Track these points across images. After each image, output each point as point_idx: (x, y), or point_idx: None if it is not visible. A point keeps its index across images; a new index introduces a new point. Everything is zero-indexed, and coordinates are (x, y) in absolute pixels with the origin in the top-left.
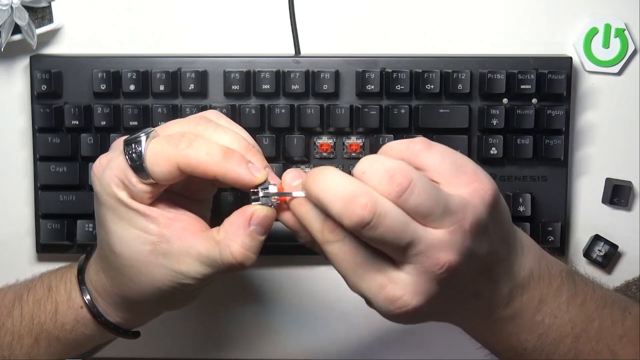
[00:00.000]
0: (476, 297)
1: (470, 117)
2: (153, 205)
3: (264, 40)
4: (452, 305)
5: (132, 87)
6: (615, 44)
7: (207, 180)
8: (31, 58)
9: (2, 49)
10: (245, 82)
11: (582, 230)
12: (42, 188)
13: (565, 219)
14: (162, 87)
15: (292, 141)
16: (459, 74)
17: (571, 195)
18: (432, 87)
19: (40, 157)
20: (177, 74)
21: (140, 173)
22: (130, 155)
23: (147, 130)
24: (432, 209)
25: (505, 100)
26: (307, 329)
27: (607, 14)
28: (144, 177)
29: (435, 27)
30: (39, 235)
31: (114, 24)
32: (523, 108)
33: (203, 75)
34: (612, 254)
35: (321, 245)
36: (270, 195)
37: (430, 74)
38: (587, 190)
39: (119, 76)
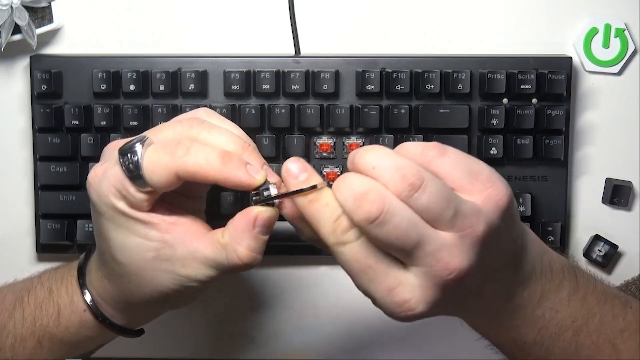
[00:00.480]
0: (480, 295)
1: (470, 117)
2: (152, 210)
3: (264, 40)
4: (456, 306)
5: (132, 87)
6: (615, 44)
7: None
8: (31, 58)
9: (2, 49)
10: (245, 82)
11: (582, 230)
12: (42, 188)
13: (565, 219)
14: (162, 87)
15: (292, 141)
16: (459, 74)
17: (571, 195)
18: (432, 87)
19: (40, 157)
20: (177, 74)
21: (138, 182)
22: (126, 165)
23: (140, 137)
24: (443, 210)
25: (505, 100)
26: (307, 328)
27: (607, 14)
28: (141, 185)
29: (435, 27)
30: (39, 235)
31: (114, 24)
32: (523, 108)
33: (203, 75)
34: (612, 254)
35: (331, 246)
36: (273, 198)
37: (430, 74)
38: (587, 190)
39: (119, 76)
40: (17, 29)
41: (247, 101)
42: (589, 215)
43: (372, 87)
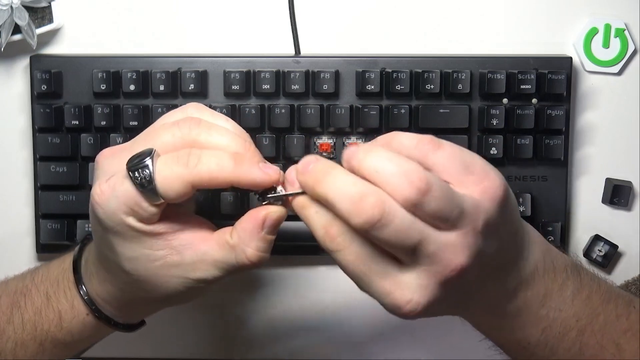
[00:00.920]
0: (482, 293)
1: (470, 117)
2: (159, 220)
3: (264, 40)
4: (458, 302)
5: (132, 87)
6: (615, 44)
7: None
8: (31, 58)
9: (2, 49)
10: (245, 82)
11: (582, 230)
12: (42, 188)
13: (565, 219)
14: (162, 87)
15: (292, 141)
16: (459, 74)
17: (571, 195)
18: (432, 87)
19: (40, 157)
20: (177, 74)
21: (151, 197)
22: (139, 181)
23: (148, 151)
24: (450, 212)
25: (505, 100)
26: (307, 328)
27: (607, 14)
28: (154, 199)
29: (435, 27)
30: (39, 235)
31: (114, 24)
32: (523, 108)
33: (203, 75)
34: (612, 254)
35: (327, 252)
36: (279, 196)
37: (430, 74)
38: (587, 190)
39: (119, 76)
40: (17, 29)
41: (247, 101)
42: (589, 215)
43: (372, 87)
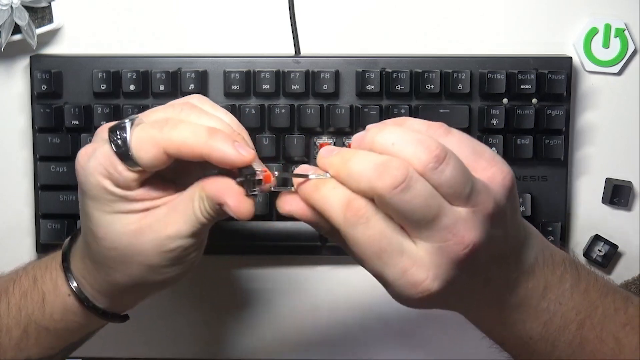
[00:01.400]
0: (486, 284)
1: (470, 117)
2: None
3: (264, 40)
4: (464, 292)
5: (132, 87)
6: (615, 44)
7: (194, 165)
8: (31, 58)
9: (2, 49)
10: (245, 82)
11: (582, 230)
12: (42, 188)
13: (565, 219)
14: (162, 87)
15: (292, 141)
16: (459, 74)
17: (571, 195)
18: (432, 87)
19: (40, 157)
20: (177, 74)
21: (127, 161)
22: (115, 142)
23: (131, 117)
24: (464, 184)
25: (505, 100)
26: (307, 328)
27: (607, 14)
28: (130, 164)
29: (435, 27)
30: (39, 235)
31: (114, 24)
32: (523, 108)
33: (203, 75)
34: (612, 254)
35: (343, 230)
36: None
37: (430, 74)
38: (587, 190)
39: (119, 76)
40: (17, 29)
41: (247, 101)
42: (589, 215)
43: (372, 87)
